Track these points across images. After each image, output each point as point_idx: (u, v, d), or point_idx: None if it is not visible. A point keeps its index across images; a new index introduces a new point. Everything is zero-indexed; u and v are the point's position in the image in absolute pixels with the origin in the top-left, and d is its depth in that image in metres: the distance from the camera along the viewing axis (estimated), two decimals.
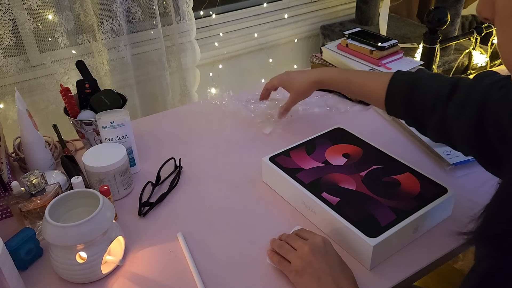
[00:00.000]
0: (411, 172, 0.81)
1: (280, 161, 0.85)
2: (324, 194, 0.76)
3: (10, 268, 0.62)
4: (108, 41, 1.58)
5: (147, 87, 1.80)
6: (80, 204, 0.72)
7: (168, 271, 0.71)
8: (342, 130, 0.95)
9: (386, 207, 0.73)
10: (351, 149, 0.88)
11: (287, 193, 0.83)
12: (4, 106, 1.53)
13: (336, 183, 0.79)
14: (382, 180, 0.79)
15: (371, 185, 0.78)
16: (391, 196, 0.75)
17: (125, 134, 0.88)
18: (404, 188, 0.77)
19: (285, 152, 0.88)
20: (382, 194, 0.76)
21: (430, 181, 0.78)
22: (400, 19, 2.27)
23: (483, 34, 1.80)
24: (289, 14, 2.13)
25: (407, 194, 0.76)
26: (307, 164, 0.84)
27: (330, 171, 0.82)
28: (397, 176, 0.80)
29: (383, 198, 0.75)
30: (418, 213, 0.71)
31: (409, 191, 0.76)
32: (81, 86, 0.97)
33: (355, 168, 0.83)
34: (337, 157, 0.86)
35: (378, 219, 0.70)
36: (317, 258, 0.62)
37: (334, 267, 0.62)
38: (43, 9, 1.48)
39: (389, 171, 0.81)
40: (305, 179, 0.80)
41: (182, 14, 1.72)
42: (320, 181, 0.79)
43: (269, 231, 0.77)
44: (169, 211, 0.84)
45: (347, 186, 0.78)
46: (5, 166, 0.84)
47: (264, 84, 1.09)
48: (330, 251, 0.64)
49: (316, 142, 0.91)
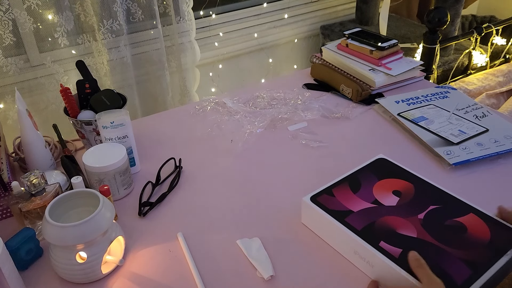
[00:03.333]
0: (475, 213, 0.70)
1: (323, 202, 0.74)
2: (382, 244, 0.65)
3: (10, 268, 0.62)
4: (108, 41, 1.58)
5: (147, 87, 1.80)
6: (80, 204, 0.72)
7: (168, 271, 0.71)
8: (385, 161, 0.84)
9: (457, 260, 0.62)
10: (401, 185, 0.77)
11: (335, 240, 0.72)
12: (4, 106, 1.53)
13: (393, 229, 0.68)
14: (445, 224, 0.69)
15: (434, 230, 0.67)
16: (459, 244, 0.65)
17: (125, 134, 0.88)
18: (472, 234, 0.67)
19: (327, 190, 0.76)
20: (449, 242, 0.65)
21: (499, 223, 0.69)
22: (400, 19, 2.27)
23: (483, 34, 1.80)
24: (289, 14, 2.13)
25: (476, 241, 0.65)
26: (355, 205, 0.73)
27: (383, 214, 0.71)
28: (461, 219, 0.69)
29: (450, 248, 0.64)
30: (496, 266, 0.61)
31: (478, 237, 0.66)
32: (81, 86, 0.97)
33: (410, 209, 0.72)
34: (387, 195, 0.75)
35: (453, 276, 0.60)
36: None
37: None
38: (43, 9, 1.48)
39: (450, 213, 0.71)
40: (356, 224, 0.69)
41: (182, 14, 1.72)
42: (375, 227, 0.68)
43: (269, 230, 0.77)
44: (169, 211, 0.84)
45: (406, 233, 0.67)
46: (5, 166, 0.84)
47: (265, 84, 1.08)
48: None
49: (360, 176, 0.79)
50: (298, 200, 0.83)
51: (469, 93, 1.75)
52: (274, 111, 1.12)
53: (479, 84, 1.80)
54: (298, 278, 0.68)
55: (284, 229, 0.77)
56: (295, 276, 0.68)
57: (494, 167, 0.90)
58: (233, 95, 1.23)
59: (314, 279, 0.68)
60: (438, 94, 1.14)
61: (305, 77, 1.33)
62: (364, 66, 1.20)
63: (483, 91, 1.78)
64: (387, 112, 1.10)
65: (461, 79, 1.85)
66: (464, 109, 1.07)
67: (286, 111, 1.13)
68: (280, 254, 0.72)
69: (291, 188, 0.87)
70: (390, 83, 1.20)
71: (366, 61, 1.22)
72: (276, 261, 0.71)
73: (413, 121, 1.04)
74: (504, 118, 1.04)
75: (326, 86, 1.26)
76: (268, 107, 1.16)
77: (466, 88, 1.76)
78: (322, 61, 1.33)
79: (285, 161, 0.95)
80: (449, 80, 1.86)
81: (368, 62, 1.21)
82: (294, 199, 0.84)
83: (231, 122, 1.11)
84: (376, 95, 1.18)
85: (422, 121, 1.03)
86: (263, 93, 1.21)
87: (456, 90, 1.16)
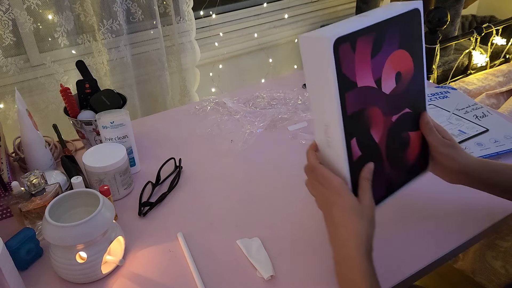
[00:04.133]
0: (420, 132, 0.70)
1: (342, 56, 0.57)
2: (353, 141, 0.61)
3: (10, 268, 0.62)
4: (108, 41, 1.58)
5: (147, 87, 1.80)
6: (80, 204, 0.72)
7: (168, 271, 0.71)
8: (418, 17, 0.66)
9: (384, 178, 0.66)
10: (407, 66, 0.66)
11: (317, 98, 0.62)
12: (4, 106, 1.53)
13: (369, 126, 0.63)
14: (401, 136, 0.67)
15: (391, 140, 0.65)
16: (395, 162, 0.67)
17: (125, 134, 0.88)
18: (408, 153, 0.68)
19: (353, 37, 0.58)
20: (391, 157, 0.66)
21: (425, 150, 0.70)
22: None
23: (483, 34, 1.80)
24: (289, 14, 2.13)
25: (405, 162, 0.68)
26: (363, 75, 0.60)
27: (374, 102, 0.62)
28: (412, 133, 0.69)
29: (388, 164, 0.66)
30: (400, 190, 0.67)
31: (408, 159, 0.68)
32: (81, 86, 0.97)
33: (394, 104, 0.65)
34: (390, 76, 0.64)
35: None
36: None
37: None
38: (43, 9, 1.48)
39: (412, 123, 0.68)
40: (350, 107, 0.59)
41: (182, 14, 1.72)
42: (360, 116, 0.61)
43: (269, 230, 0.77)
44: (169, 211, 0.84)
45: (374, 136, 0.63)
46: (5, 166, 0.84)
47: (265, 84, 1.08)
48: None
49: (387, 32, 0.62)
50: (299, 199, 0.83)
51: (469, 93, 1.75)
52: (274, 111, 1.12)
53: (479, 84, 1.80)
54: (298, 278, 0.68)
55: (284, 229, 0.77)
56: (295, 276, 0.68)
57: None
58: (233, 95, 1.23)
59: (314, 279, 0.68)
60: (438, 94, 1.14)
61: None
62: None
63: (483, 91, 1.78)
64: None
65: (461, 79, 1.85)
66: (464, 109, 1.07)
67: (286, 111, 1.13)
68: (280, 254, 0.72)
69: (291, 188, 0.87)
70: None
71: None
72: (276, 261, 0.71)
73: None
74: (504, 118, 1.04)
75: None
76: (268, 107, 1.16)
77: (466, 88, 1.76)
78: None
79: (285, 161, 0.95)
80: (449, 80, 1.86)
81: None
82: (294, 199, 0.84)
83: (231, 122, 1.11)
84: None
85: None
86: (263, 93, 1.21)
87: (456, 90, 1.16)
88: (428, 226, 0.77)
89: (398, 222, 0.78)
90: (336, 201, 0.60)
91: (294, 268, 0.70)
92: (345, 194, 0.60)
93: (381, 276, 0.68)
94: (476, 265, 1.36)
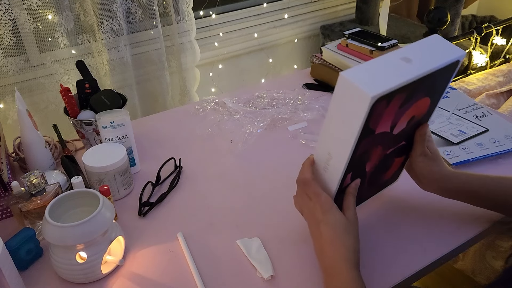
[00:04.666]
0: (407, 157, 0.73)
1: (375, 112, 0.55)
2: (349, 175, 0.64)
3: (10, 268, 0.62)
4: (108, 41, 1.58)
5: (147, 87, 1.80)
6: (80, 204, 0.72)
7: (168, 271, 0.71)
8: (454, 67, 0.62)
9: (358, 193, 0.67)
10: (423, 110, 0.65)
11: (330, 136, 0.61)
12: (4, 106, 1.53)
13: (366, 162, 0.65)
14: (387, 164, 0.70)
15: (378, 167, 0.68)
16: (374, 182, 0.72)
17: (125, 134, 0.88)
18: (386, 174, 0.74)
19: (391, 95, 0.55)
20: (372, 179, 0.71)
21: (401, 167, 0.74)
22: (400, 19, 2.27)
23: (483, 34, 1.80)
24: (289, 14, 2.13)
25: (381, 181, 0.73)
26: (384, 124, 0.60)
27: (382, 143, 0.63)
28: (397, 159, 0.72)
29: (367, 184, 0.71)
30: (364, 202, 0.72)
31: (385, 178, 0.74)
32: (81, 86, 0.97)
33: (395, 141, 0.66)
34: (405, 120, 0.63)
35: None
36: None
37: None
38: (43, 9, 1.48)
39: (401, 151, 0.70)
40: (360, 150, 0.60)
41: (182, 14, 1.72)
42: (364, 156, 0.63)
43: (269, 230, 0.77)
44: (169, 211, 0.84)
45: (367, 167, 0.66)
46: (5, 166, 0.84)
47: (265, 84, 1.08)
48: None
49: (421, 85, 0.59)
50: None
51: (469, 93, 1.75)
52: (274, 111, 1.12)
53: (479, 84, 1.79)
54: (298, 278, 0.68)
55: (284, 229, 0.77)
56: (295, 276, 0.68)
57: (494, 167, 0.90)
58: (233, 95, 1.23)
59: (314, 279, 0.68)
60: None
61: (305, 77, 1.33)
62: None
63: (483, 91, 1.78)
64: None
65: (461, 79, 1.85)
66: (464, 109, 1.07)
67: (286, 111, 1.12)
68: (280, 254, 0.72)
69: (291, 188, 0.87)
70: None
71: (366, 61, 1.21)
72: (276, 261, 0.71)
73: None
74: (504, 118, 1.04)
75: (326, 86, 1.26)
76: (268, 107, 1.16)
77: (466, 88, 1.76)
78: (322, 61, 1.33)
79: (285, 161, 0.95)
80: None
81: None
82: None
83: (231, 122, 1.11)
84: None
85: None
86: (263, 93, 1.21)
87: (456, 90, 1.16)
88: (428, 226, 0.77)
89: (398, 222, 0.78)
90: (323, 218, 0.63)
91: (294, 268, 0.70)
92: (333, 211, 0.63)
93: (381, 276, 0.69)
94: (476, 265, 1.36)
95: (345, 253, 0.60)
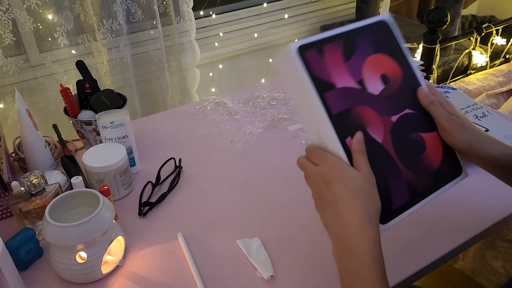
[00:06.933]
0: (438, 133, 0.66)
1: (310, 60, 0.59)
2: (348, 140, 0.59)
3: (10, 268, 0.62)
4: (108, 41, 1.58)
5: (147, 87, 1.80)
6: (80, 204, 0.72)
7: (168, 271, 0.71)
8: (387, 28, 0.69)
9: (405, 182, 0.61)
10: (391, 69, 0.67)
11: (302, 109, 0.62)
12: (4, 106, 1.53)
13: (364, 125, 0.61)
14: (409, 137, 0.64)
15: (399, 140, 0.63)
16: (413, 165, 0.63)
17: (125, 134, 0.88)
18: (427, 156, 0.64)
19: (318, 44, 0.60)
20: (405, 159, 0.62)
21: (452, 154, 0.67)
22: (400, 19, 2.27)
23: (483, 34, 1.80)
24: (289, 14, 2.13)
25: (426, 166, 0.64)
26: (340, 76, 0.61)
27: (363, 102, 0.62)
28: (425, 135, 0.65)
29: (405, 167, 0.62)
30: (431, 196, 0.62)
31: (430, 162, 0.64)
32: (81, 86, 0.97)
33: (389, 104, 0.64)
34: (374, 78, 0.64)
35: (392, 198, 0.60)
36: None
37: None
38: (43, 9, 1.48)
39: (420, 123, 0.65)
40: (333, 106, 0.59)
41: (182, 14, 1.72)
42: (349, 115, 0.60)
43: (269, 230, 0.77)
44: (169, 211, 0.84)
45: (374, 135, 0.61)
46: (5, 166, 0.84)
47: (265, 84, 1.08)
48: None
49: (357, 39, 0.64)
50: (299, 199, 0.83)
51: (469, 93, 1.75)
52: (274, 111, 1.12)
53: (479, 84, 1.80)
54: (298, 278, 0.68)
55: (284, 229, 0.77)
56: (295, 276, 0.68)
57: None
58: (233, 95, 1.23)
59: (314, 279, 0.68)
60: None
61: None
62: None
63: (483, 91, 1.78)
64: None
65: (461, 79, 1.85)
66: (464, 109, 1.07)
67: (286, 111, 1.13)
68: (280, 254, 0.72)
69: (291, 187, 0.87)
70: None
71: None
72: (276, 261, 0.71)
73: None
74: (504, 118, 1.04)
75: None
76: (268, 107, 1.16)
77: (466, 88, 1.76)
78: None
79: (285, 161, 0.95)
80: (449, 80, 1.86)
81: None
82: (295, 199, 0.84)
83: (231, 122, 1.11)
84: None
85: None
86: (263, 93, 1.21)
87: (456, 90, 1.16)
88: (428, 226, 0.77)
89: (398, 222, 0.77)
90: (335, 177, 0.56)
91: (294, 268, 0.70)
92: (344, 167, 0.56)
93: None
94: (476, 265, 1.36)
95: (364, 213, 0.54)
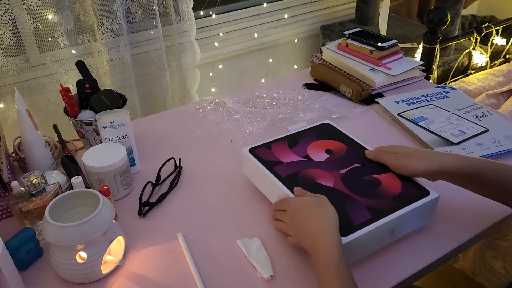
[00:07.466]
0: (394, 172, 0.77)
1: (259, 153, 0.82)
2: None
3: (10, 268, 0.62)
4: (108, 41, 1.58)
5: (147, 87, 1.80)
6: (80, 204, 0.72)
7: (168, 271, 0.71)
8: (329, 126, 0.91)
9: (363, 206, 0.70)
10: (335, 145, 0.85)
11: (265, 188, 0.81)
12: (4, 106, 1.53)
13: (313, 178, 0.76)
14: (362, 179, 0.76)
15: (350, 183, 0.75)
16: (369, 195, 0.72)
17: (125, 134, 0.88)
18: (384, 188, 0.74)
19: (266, 145, 0.84)
20: (360, 192, 0.73)
21: (413, 182, 0.75)
22: (400, 19, 2.27)
23: (483, 34, 1.80)
24: (289, 14, 2.13)
25: (386, 194, 0.72)
26: (287, 157, 0.81)
27: (309, 166, 0.79)
28: (379, 176, 0.76)
29: (360, 197, 0.72)
30: (394, 214, 0.68)
31: (389, 191, 0.73)
32: (81, 86, 0.97)
33: (336, 165, 0.79)
34: (319, 152, 0.82)
35: (351, 218, 0.68)
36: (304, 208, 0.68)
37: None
38: (43, 9, 1.48)
39: (371, 170, 0.78)
40: (282, 173, 0.77)
41: (182, 14, 1.72)
42: (298, 176, 0.76)
43: (269, 230, 0.77)
44: (169, 211, 0.84)
45: (324, 183, 0.75)
46: (5, 166, 0.84)
47: (265, 84, 1.08)
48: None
49: (300, 136, 0.87)
50: None
51: (469, 93, 1.75)
52: (274, 111, 1.12)
53: (479, 84, 1.79)
54: (298, 278, 0.68)
55: None
56: (295, 276, 0.68)
57: None
58: (233, 95, 1.23)
59: (314, 279, 0.68)
60: (438, 94, 1.14)
61: (305, 77, 1.33)
62: (364, 66, 1.20)
63: (483, 91, 1.78)
64: (387, 112, 1.10)
65: (461, 79, 1.85)
66: (464, 109, 1.07)
67: (286, 111, 1.13)
68: (280, 254, 0.72)
69: None
70: (390, 83, 1.20)
71: (366, 61, 1.22)
72: (276, 261, 0.71)
73: (413, 121, 1.04)
74: (504, 118, 1.04)
75: (326, 86, 1.26)
76: (268, 107, 1.16)
77: (466, 88, 1.76)
78: (322, 61, 1.33)
79: None
80: (449, 80, 1.86)
81: (368, 62, 1.21)
82: None
83: (231, 122, 1.11)
84: (376, 95, 1.18)
85: (422, 121, 1.03)
86: (263, 93, 1.21)
87: (456, 90, 1.16)
88: (428, 226, 0.77)
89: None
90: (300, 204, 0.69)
91: (294, 268, 0.70)
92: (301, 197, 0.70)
93: (381, 276, 0.69)
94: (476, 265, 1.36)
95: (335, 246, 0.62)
